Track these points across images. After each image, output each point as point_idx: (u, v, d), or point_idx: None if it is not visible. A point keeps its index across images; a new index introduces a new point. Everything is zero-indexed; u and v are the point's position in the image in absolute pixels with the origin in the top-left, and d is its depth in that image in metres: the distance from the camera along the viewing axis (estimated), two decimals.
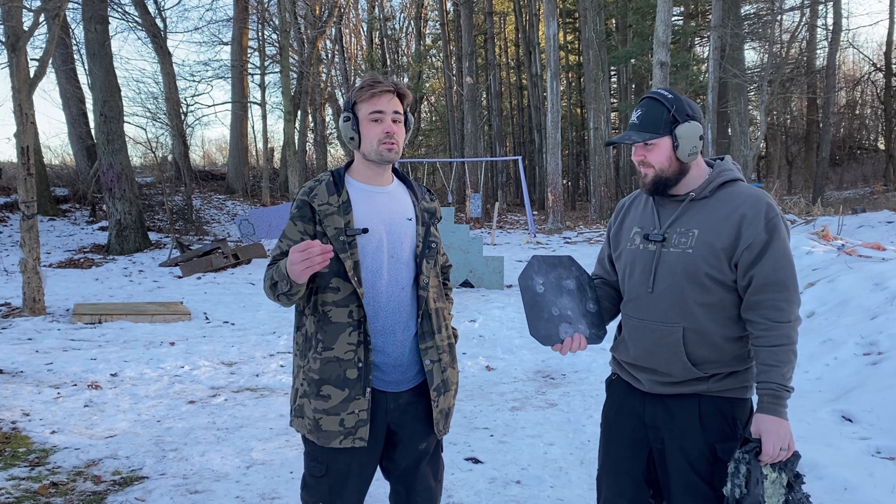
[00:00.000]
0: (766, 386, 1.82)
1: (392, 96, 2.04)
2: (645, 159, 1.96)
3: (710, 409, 1.92)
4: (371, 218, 2.05)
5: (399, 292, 2.06)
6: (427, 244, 2.12)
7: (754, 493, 1.76)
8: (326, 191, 2.05)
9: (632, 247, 2.04)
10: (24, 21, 8.79)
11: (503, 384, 5.44)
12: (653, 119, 1.94)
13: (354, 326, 2.00)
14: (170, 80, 20.05)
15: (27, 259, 8.07)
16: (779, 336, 1.82)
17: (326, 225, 2.01)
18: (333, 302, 2.01)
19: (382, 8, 31.85)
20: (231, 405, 4.87)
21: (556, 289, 2.05)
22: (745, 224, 1.85)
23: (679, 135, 1.92)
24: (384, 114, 2.02)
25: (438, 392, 2.08)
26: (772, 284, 1.83)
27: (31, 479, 3.51)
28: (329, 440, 1.99)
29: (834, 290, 6.12)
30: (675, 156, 1.94)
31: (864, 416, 4.00)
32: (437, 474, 2.19)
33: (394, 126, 2.04)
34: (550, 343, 1.98)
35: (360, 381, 1.99)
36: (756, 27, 22.51)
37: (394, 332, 2.05)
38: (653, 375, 1.99)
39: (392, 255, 2.06)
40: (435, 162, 23.34)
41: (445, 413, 2.12)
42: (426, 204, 2.19)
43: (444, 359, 2.10)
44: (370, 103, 2.03)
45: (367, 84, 2.04)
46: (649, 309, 1.96)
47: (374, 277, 2.04)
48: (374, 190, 2.11)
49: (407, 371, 2.08)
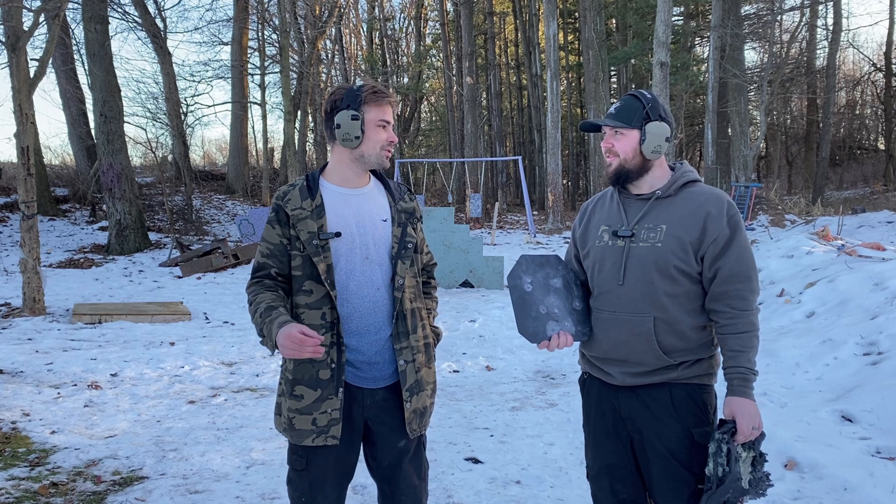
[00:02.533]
0: (735, 370, 1.95)
1: (392, 108, 2.11)
2: (612, 147, 2.07)
3: (681, 396, 2.01)
4: (344, 220, 2.08)
5: (374, 293, 2.08)
6: (403, 245, 2.14)
7: (735, 470, 1.88)
8: (300, 195, 2.09)
9: (600, 244, 2.12)
10: (24, 21, 8.80)
11: (503, 384, 5.44)
12: (628, 112, 2.06)
13: (327, 328, 2.03)
14: (170, 80, 20.05)
15: (27, 259, 8.08)
16: (745, 323, 1.94)
17: (300, 229, 2.05)
18: (306, 304, 2.05)
19: (382, 8, 31.84)
20: (231, 405, 4.87)
21: (543, 287, 2.10)
22: (710, 220, 1.97)
23: (647, 130, 2.04)
24: (390, 123, 2.10)
25: (412, 392, 2.10)
26: (736, 276, 1.96)
27: (31, 479, 3.51)
28: (302, 438, 2.04)
29: (834, 290, 6.12)
30: (640, 149, 2.05)
31: (864, 416, 4.00)
32: (420, 472, 2.21)
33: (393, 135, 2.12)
34: (537, 340, 2.04)
35: (332, 382, 2.02)
36: (756, 27, 22.50)
37: (368, 333, 2.08)
38: (624, 367, 2.05)
39: (366, 256, 2.09)
40: (435, 162, 23.32)
41: (420, 412, 2.14)
42: (404, 204, 2.21)
43: (418, 359, 2.12)
44: (381, 110, 2.07)
45: (379, 90, 2.07)
46: (620, 301, 2.04)
47: (347, 279, 2.06)
48: (349, 192, 2.13)
49: (383, 369, 2.10)
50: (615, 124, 2.05)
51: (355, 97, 2.07)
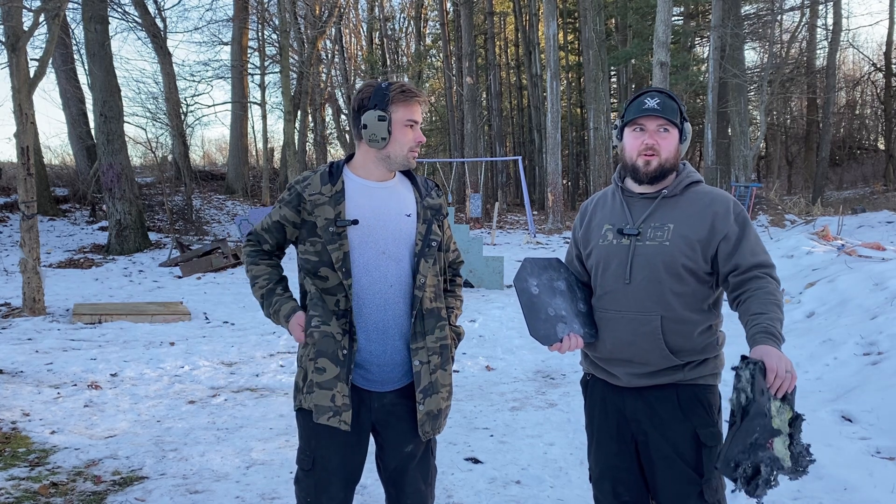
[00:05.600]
0: (759, 326, 1.79)
1: (420, 106, 2.06)
2: (657, 145, 2.01)
3: (687, 397, 1.99)
4: (363, 211, 2.04)
5: (386, 289, 2.04)
6: (427, 242, 2.09)
7: (760, 401, 1.67)
8: (320, 181, 2.06)
9: (604, 243, 2.09)
10: (24, 21, 8.79)
11: (503, 384, 5.44)
12: (672, 109, 2.02)
13: (340, 315, 2.01)
14: (170, 80, 20.05)
15: (27, 259, 8.07)
16: (766, 293, 1.85)
17: (317, 215, 2.02)
18: (323, 289, 2.03)
19: (382, 8, 31.84)
20: (231, 405, 4.87)
21: (549, 290, 2.09)
22: (718, 219, 1.98)
23: (686, 131, 2.06)
24: (417, 123, 2.04)
25: (425, 394, 2.06)
26: (756, 266, 1.94)
27: (31, 479, 3.51)
28: (319, 414, 2.01)
29: (834, 290, 6.12)
30: (679, 149, 2.05)
31: (864, 416, 4.00)
32: (427, 478, 2.18)
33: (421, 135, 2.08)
34: (550, 343, 2.01)
35: (343, 368, 2.01)
36: (756, 27, 22.50)
37: (377, 330, 2.04)
38: (630, 367, 2.03)
39: (383, 251, 2.05)
40: (435, 162, 23.32)
41: (434, 415, 2.09)
42: (431, 200, 2.17)
43: (433, 360, 2.07)
44: (409, 109, 2.01)
45: (408, 89, 2.02)
46: (626, 300, 2.01)
47: (360, 272, 2.03)
48: (372, 185, 2.09)
49: (393, 371, 2.07)
50: (668, 119, 1.99)
51: (383, 96, 2.00)
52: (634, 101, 2.06)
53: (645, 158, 2.01)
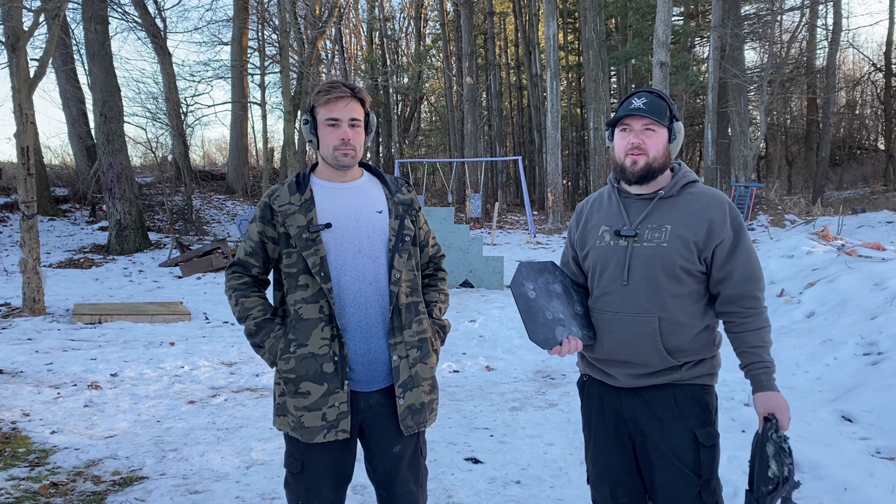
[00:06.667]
0: (758, 366, 1.96)
1: (349, 101, 2.05)
2: (643, 144, 2.00)
3: (685, 397, 2.00)
4: (335, 213, 2.07)
5: (365, 287, 2.06)
6: (400, 237, 2.11)
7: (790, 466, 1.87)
8: (288, 191, 2.09)
9: (601, 244, 2.09)
10: (24, 21, 8.79)
11: (503, 384, 5.44)
12: (658, 108, 2.01)
13: (326, 321, 2.02)
14: (170, 80, 20.05)
15: (27, 259, 8.07)
16: (760, 320, 1.98)
17: (289, 224, 2.04)
18: (303, 299, 2.03)
19: (382, 8, 31.82)
20: (231, 405, 4.87)
21: (546, 293, 2.08)
22: (714, 224, 1.99)
23: (675, 130, 2.05)
24: (340, 121, 2.04)
25: (405, 388, 2.06)
26: (746, 278, 1.98)
27: (31, 480, 3.51)
28: (312, 436, 2.01)
29: (834, 290, 6.12)
30: (668, 149, 2.04)
31: (864, 416, 4.00)
32: (417, 478, 2.17)
33: (350, 132, 2.05)
34: (549, 346, 2.00)
35: (337, 375, 2.01)
36: (756, 27, 22.49)
37: (360, 329, 2.05)
38: (627, 368, 2.03)
39: (359, 249, 2.06)
40: (435, 162, 23.31)
41: (416, 409, 2.09)
42: (401, 196, 2.18)
43: (412, 354, 2.08)
44: (327, 109, 2.04)
45: (323, 89, 2.05)
46: (624, 301, 2.01)
47: (338, 273, 2.04)
48: (339, 186, 2.12)
49: (377, 369, 2.07)
50: (653, 118, 1.99)
51: (311, 101, 2.09)
52: (623, 102, 2.07)
53: (632, 158, 2.01)
